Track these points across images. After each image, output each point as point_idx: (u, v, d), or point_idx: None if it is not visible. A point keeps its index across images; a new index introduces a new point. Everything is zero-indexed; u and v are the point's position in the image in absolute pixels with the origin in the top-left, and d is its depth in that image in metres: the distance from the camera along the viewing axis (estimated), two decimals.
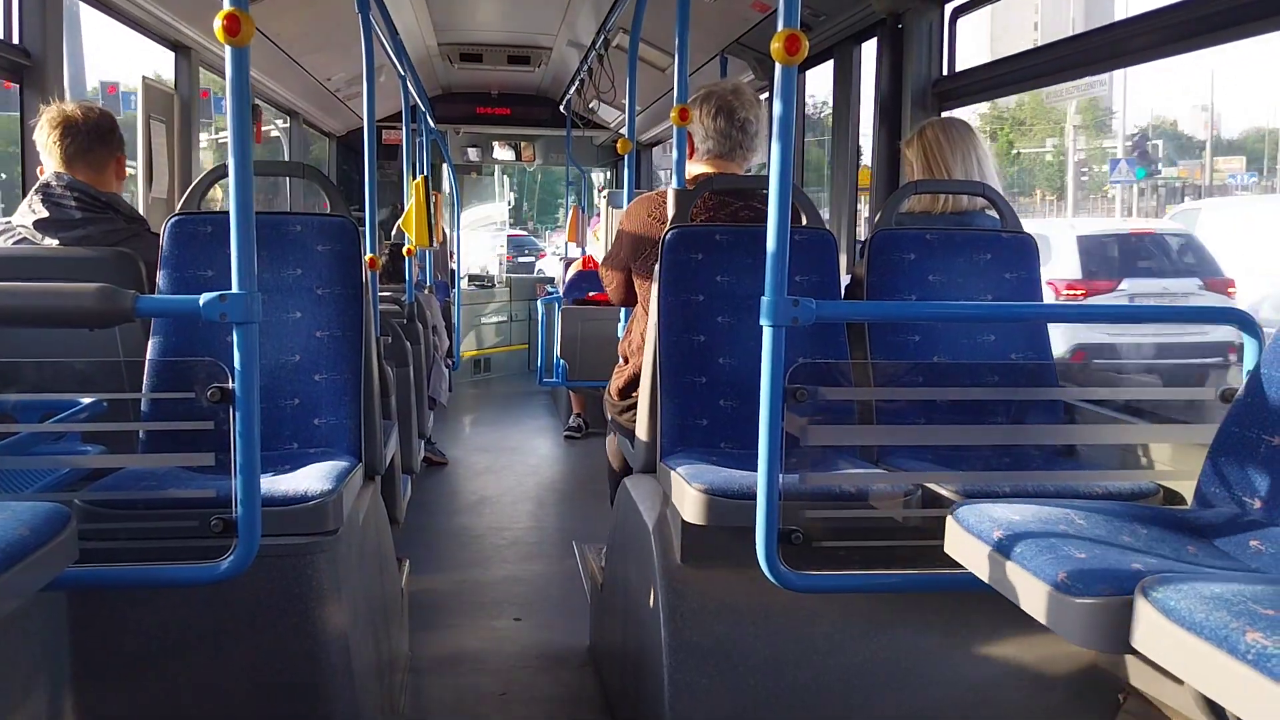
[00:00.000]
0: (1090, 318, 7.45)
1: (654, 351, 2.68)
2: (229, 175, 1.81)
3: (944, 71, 3.92)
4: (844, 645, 2.30)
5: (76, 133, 2.86)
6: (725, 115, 3.02)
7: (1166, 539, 1.61)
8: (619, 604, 2.91)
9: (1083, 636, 1.36)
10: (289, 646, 2.23)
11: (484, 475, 6.29)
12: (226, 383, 1.82)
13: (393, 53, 5.12)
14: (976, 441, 2.51)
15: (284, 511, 2.14)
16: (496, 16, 7.03)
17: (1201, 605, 1.17)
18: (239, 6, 1.72)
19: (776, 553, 1.89)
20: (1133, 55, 3.01)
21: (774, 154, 1.80)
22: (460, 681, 3.24)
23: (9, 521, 1.55)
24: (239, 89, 1.78)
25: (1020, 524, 1.59)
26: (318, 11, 5.50)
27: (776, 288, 1.81)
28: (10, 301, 1.81)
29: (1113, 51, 3.05)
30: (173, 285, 2.62)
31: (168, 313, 2.44)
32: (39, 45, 3.38)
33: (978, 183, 2.91)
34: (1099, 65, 3.22)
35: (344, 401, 2.65)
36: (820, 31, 4.52)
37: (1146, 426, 2.50)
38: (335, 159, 9.33)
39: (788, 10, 1.75)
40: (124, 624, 2.17)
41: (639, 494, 2.67)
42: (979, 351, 2.78)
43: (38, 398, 2.01)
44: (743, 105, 3.03)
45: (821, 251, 2.77)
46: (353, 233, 2.74)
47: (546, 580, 4.29)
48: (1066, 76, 3.42)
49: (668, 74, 6.25)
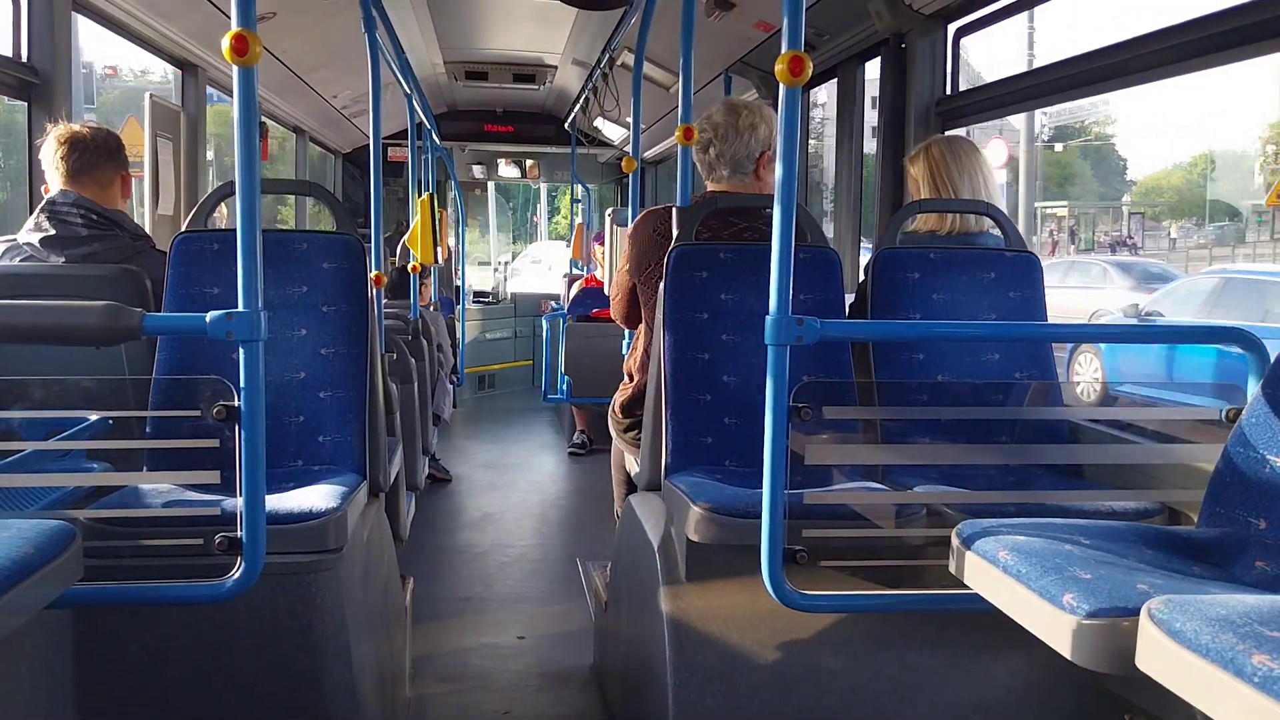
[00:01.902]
0: (1092, 338, 7.44)
1: (658, 369, 2.68)
2: (236, 193, 1.81)
3: (947, 91, 3.93)
4: (848, 664, 2.29)
5: (83, 149, 2.87)
6: (714, 147, 3.03)
7: (1171, 559, 1.61)
8: (623, 622, 2.90)
9: (1088, 657, 1.35)
10: (292, 664, 2.23)
11: (488, 492, 6.28)
12: (232, 400, 1.82)
13: (399, 71, 5.14)
14: (981, 461, 2.51)
15: (288, 530, 2.14)
16: (502, 35, 7.06)
17: (1207, 627, 1.17)
18: (246, 27, 1.73)
19: (781, 571, 1.89)
20: (1137, 75, 3.02)
21: (779, 173, 1.81)
22: (463, 699, 3.23)
23: (14, 539, 1.55)
24: (246, 108, 1.78)
25: (1025, 544, 1.58)
26: (324, 31, 5.53)
27: (781, 306, 1.82)
28: (17, 319, 1.82)
29: (1117, 71, 3.06)
30: (179, 303, 2.63)
31: (174, 331, 2.45)
32: (47, 63, 3.40)
33: (981, 201, 2.91)
34: (1103, 85, 3.23)
35: (349, 419, 2.65)
36: (824, 51, 4.53)
37: (1151, 446, 2.50)
38: (340, 176, 9.36)
39: (791, 32, 1.76)
40: (128, 641, 2.17)
41: (643, 511, 2.67)
42: (983, 370, 2.78)
43: (43, 415, 2.01)
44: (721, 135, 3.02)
45: (825, 270, 2.77)
46: (358, 250, 2.74)
47: (550, 598, 4.29)
48: (1070, 96, 3.42)
49: (672, 92, 6.26)
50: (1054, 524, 1.74)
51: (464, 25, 6.72)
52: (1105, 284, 17.24)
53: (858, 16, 4.12)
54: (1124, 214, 42.64)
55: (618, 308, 3.34)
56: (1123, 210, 43.71)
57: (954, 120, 3.88)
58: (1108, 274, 17.83)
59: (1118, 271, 17.97)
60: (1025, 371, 2.80)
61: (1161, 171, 49.88)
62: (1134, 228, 39.40)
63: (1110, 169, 49.27)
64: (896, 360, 2.78)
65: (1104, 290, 16.76)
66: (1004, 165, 24.45)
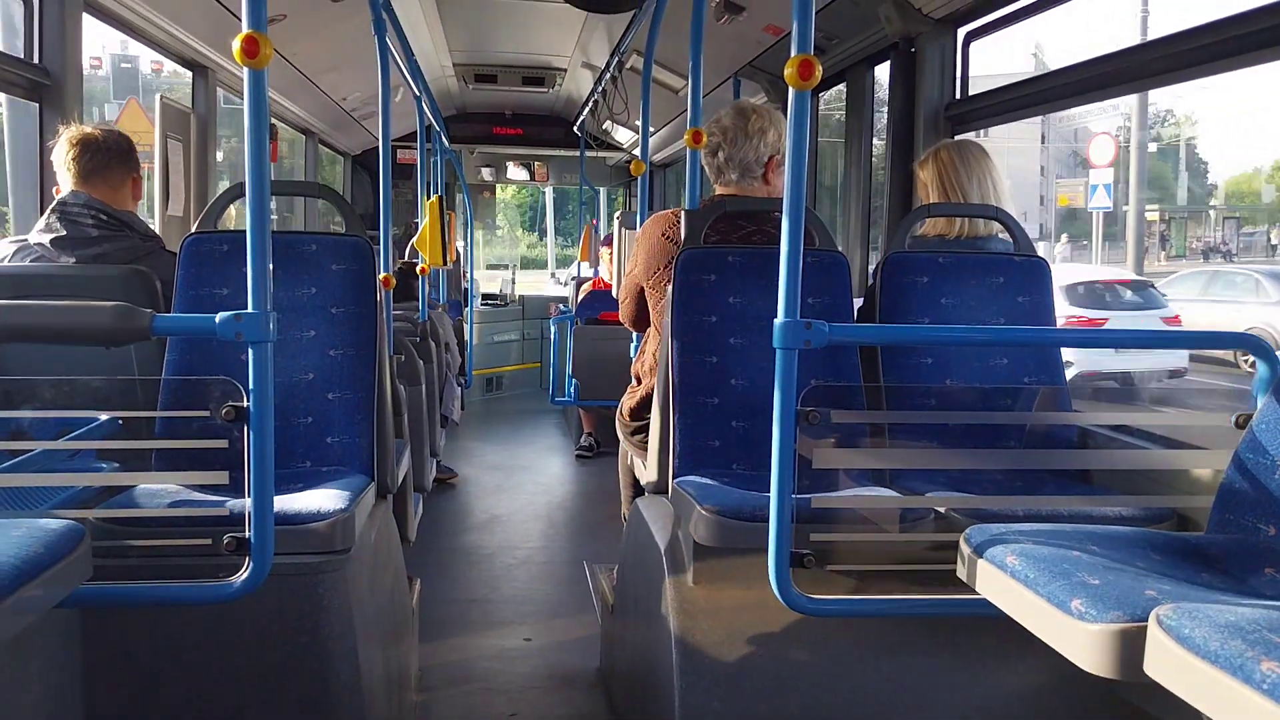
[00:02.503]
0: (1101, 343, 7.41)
1: (666, 372, 2.68)
2: (246, 195, 1.82)
3: (956, 95, 3.93)
4: (855, 669, 2.29)
5: (95, 151, 2.88)
6: (723, 151, 3.04)
7: (1180, 565, 1.61)
8: (630, 625, 2.90)
9: (1096, 663, 1.35)
10: (300, 665, 2.23)
11: (495, 494, 6.29)
12: (241, 401, 1.83)
13: (408, 73, 5.15)
14: (989, 465, 2.50)
15: (296, 530, 2.14)
16: (512, 38, 7.08)
17: (1216, 633, 1.17)
18: (257, 29, 1.74)
19: (788, 575, 1.89)
20: (1150, 79, 3.02)
21: (788, 177, 1.81)
22: (470, 701, 3.23)
23: (24, 538, 1.56)
24: (256, 110, 1.79)
25: (1033, 549, 1.58)
26: (335, 33, 5.54)
27: (789, 310, 1.82)
28: (28, 319, 1.83)
29: (1128, 75, 3.05)
30: (188, 304, 2.63)
31: (184, 331, 2.45)
32: (58, 64, 3.41)
33: (991, 206, 2.91)
34: (1114, 89, 3.22)
35: (357, 420, 2.65)
36: (833, 55, 4.53)
37: (1160, 452, 2.50)
38: (349, 178, 9.38)
39: (801, 36, 1.76)
40: (135, 641, 2.18)
41: (650, 515, 2.67)
42: (992, 375, 2.78)
43: (53, 415, 2.02)
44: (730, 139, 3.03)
45: (834, 274, 2.77)
46: (367, 252, 2.75)
47: (557, 600, 4.29)
48: (1080, 100, 3.42)
49: (681, 95, 6.27)
50: (1062, 530, 1.74)
51: (474, 28, 6.74)
52: (1257, 296, 15.08)
53: (867, 21, 4.12)
54: (1212, 218, 40.21)
55: (626, 310, 3.34)
56: (1210, 214, 41.12)
57: (964, 124, 3.88)
58: (1260, 286, 15.31)
59: (1273, 282, 15.23)
60: (1034, 376, 2.79)
61: (1243, 175, 47.30)
62: (1228, 232, 37.53)
63: (1193, 172, 45.53)
64: (905, 364, 2.77)
65: (1257, 304, 14.86)
66: (1111, 164, 22.59)
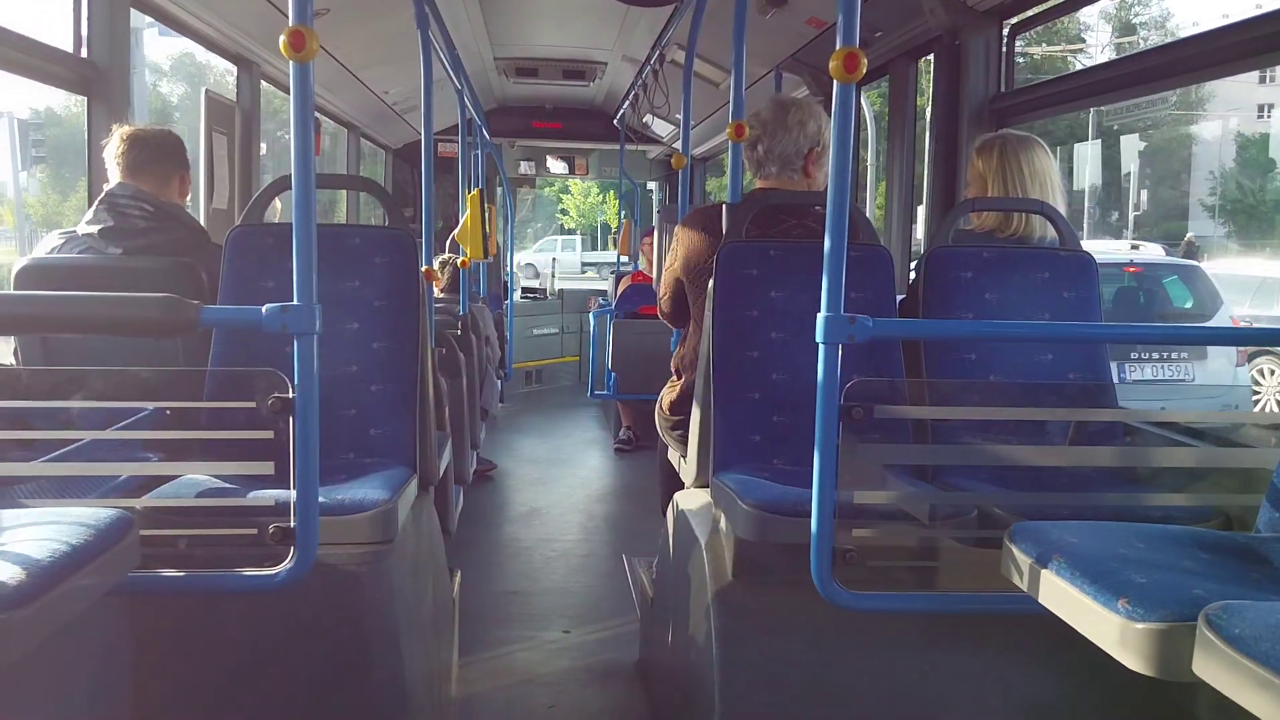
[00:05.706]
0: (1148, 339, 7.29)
1: (707, 366, 2.68)
2: (292, 188, 1.83)
3: (1001, 88, 3.89)
4: (897, 666, 2.27)
5: (144, 145, 2.92)
6: (763, 143, 3.03)
7: (1228, 564, 1.58)
8: (669, 619, 2.91)
9: (1143, 662, 1.34)
10: (342, 654, 2.25)
11: (534, 486, 6.31)
12: (286, 393, 1.84)
13: (450, 67, 5.17)
14: (1033, 462, 2.48)
15: (340, 520, 2.16)
16: (553, 32, 7.09)
17: (1266, 634, 1.15)
18: (303, 23, 1.75)
19: (830, 571, 1.88)
20: (1196, 72, 2.97)
21: (831, 170, 1.80)
22: (509, 694, 3.25)
23: (75, 526, 1.58)
24: (302, 103, 1.80)
25: (1078, 546, 1.56)
26: (377, 27, 5.57)
27: (832, 304, 1.81)
28: (78, 310, 1.85)
29: (1176, 69, 3.00)
30: (234, 296, 2.66)
31: (231, 324, 2.48)
32: (106, 58, 3.45)
33: (1035, 200, 2.85)
34: (1161, 83, 3.18)
35: (399, 412, 2.67)
36: (876, 48, 4.50)
37: (1208, 449, 2.46)
38: (390, 171, 9.44)
39: (846, 29, 1.75)
40: (181, 629, 2.20)
41: (690, 509, 2.67)
42: (1036, 371, 2.75)
43: (102, 405, 2.05)
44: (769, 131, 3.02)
45: (877, 268, 2.75)
46: (410, 245, 2.76)
47: (596, 593, 4.30)
48: (1127, 95, 3.38)
49: (722, 89, 6.25)
50: (1107, 527, 1.72)
51: (515, 22, 6.75)
52: None
53: (911, 13, 4.08)
54: None
55: (665, 305, 3.33)
56: None
57: (1009, 118, 3.84)
58: None
59: None
60: (1079, 372, 2.76)
61: None
62: None
63: None
64: (948, 360, 2.75)
65: None
66: None
